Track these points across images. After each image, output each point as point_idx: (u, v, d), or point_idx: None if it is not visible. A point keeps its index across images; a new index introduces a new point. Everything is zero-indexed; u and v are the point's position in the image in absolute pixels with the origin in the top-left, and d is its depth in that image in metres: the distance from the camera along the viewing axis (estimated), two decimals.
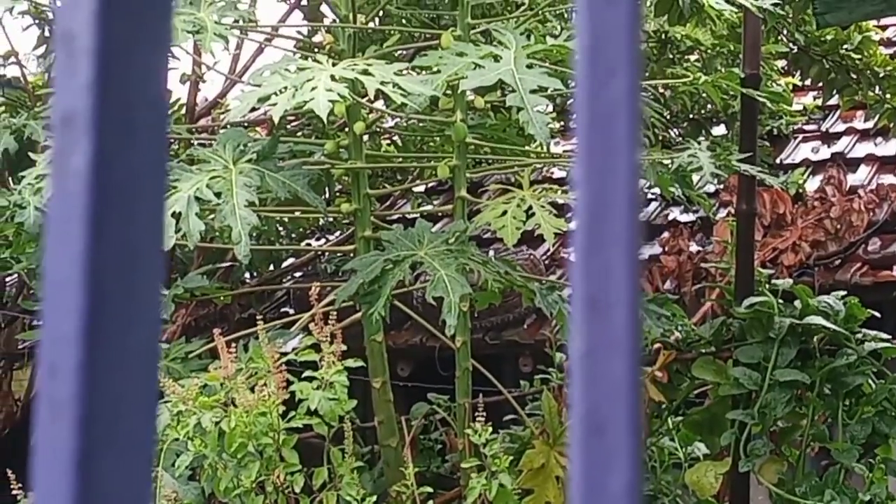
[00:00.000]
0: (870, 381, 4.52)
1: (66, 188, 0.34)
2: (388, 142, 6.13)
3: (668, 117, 6.10)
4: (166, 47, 0.35)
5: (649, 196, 6.98)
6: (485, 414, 4.01)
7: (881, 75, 6.34)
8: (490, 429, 3.95)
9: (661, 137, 5.98)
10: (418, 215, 5.19)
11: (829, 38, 6.16)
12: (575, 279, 0.33)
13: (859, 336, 4.54)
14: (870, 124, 7.12)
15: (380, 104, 4.87)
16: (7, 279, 6.20)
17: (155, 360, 0.36)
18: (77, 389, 0.33)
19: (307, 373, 3.89)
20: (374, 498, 3.84)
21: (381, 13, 4.88)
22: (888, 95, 6.37)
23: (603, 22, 0.34)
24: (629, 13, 0.34)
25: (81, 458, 0.33)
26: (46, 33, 6.46)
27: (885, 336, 4.59)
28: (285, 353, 4.10)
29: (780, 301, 4.59)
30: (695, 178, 4.96)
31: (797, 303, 4.61)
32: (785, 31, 6.08)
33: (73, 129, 0.34)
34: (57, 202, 0.34)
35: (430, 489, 3.98)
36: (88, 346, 0.33)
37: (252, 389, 3.79)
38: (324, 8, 5.23)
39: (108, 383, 0.34)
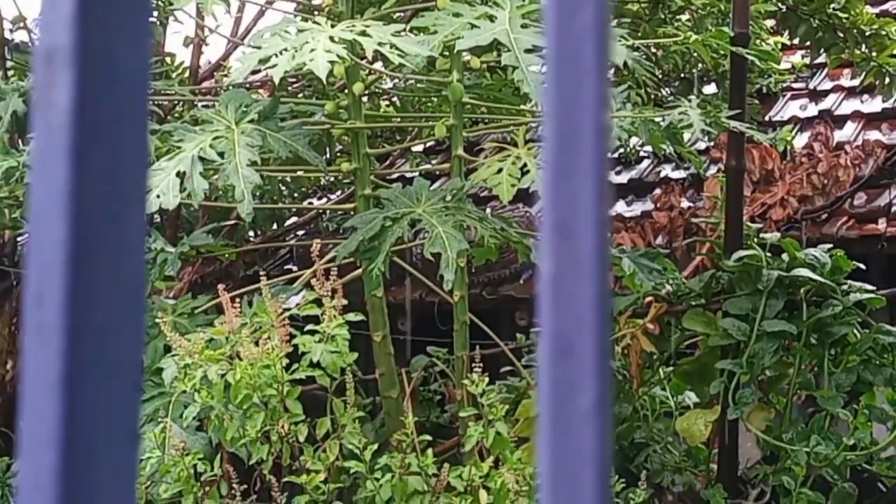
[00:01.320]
0: (855, 331, 4.53)
1: (49, 122, 0.34)
2: (387, 102, 6.12)
3: (660, 76, 6.09)
4: None
5: (641, 153, 6.99)
6: (482, 366, 4.03)
7: (867, 34, 6.31)
8: (487, 380, 3.96)
9: (652, 96, 5.97)
10: (417, 174, 5.19)
11: None
12: (545, 205, 0.33)
13: (845, 287, 4.55)
14: (856, 82, 7.08)
15: (378, 65, 4.87)
16: (19, 239, 6.20)
17: (140, 289, 0.36)
18: (62, 316, 0.33)
19: (309, 327, 3.91)
20: (376, 446, 3.86)
21: None
22: (874, 53, 6.35)
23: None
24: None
25: (67, 382, 0.33)
26: None
27: (869, 287, 4.60)
28: (288, 309, 4.12)
29: (768, 254, 4.60)
30: (686, 135, 4.96)
31: (785, 256, 4.62)
32: None
33: (56, 64, 0.34)
34: (40, 136, 0.34)
35: (429, 437, 4.00)
36: (73, 274, 0.33)
37: (256, 343, 3.80)
38: None
39: (93, 310, 0.34)
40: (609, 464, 0.32)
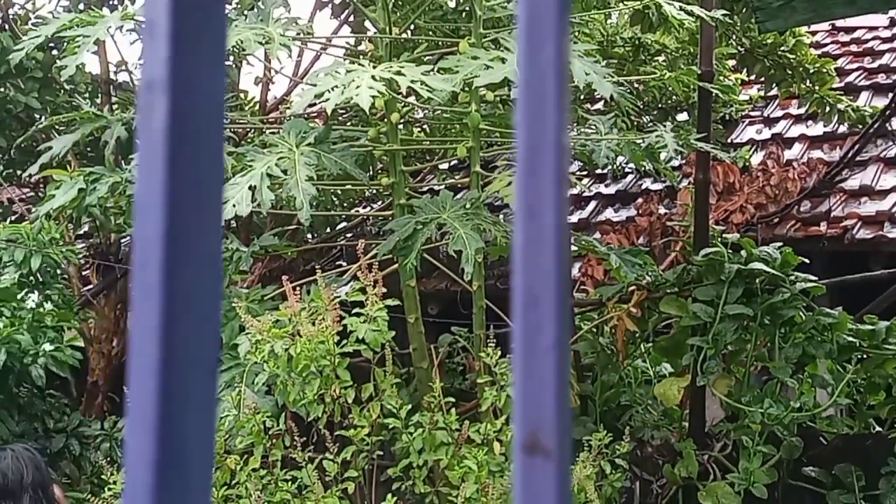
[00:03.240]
0: (801, 313, 4.53)
1: (150, 136, 0.37)
2: (419, 129, 6.13)
3: (641, 106, 6.09)
4: (224, 28, 0.38)
5: (626, 170, 6.98)
6: (496, 342, 4.04)
7: (811, 71, 6.30)
8: (500, 353, 3.97)
9: (635, 122, 5.96)
10: (443, 187, 5.21)
11: (769, 41, 6.12)
12: (517, 193, 0.36)
13: (792, 278, 4.55)
14: (802, 110, 7.08)
15: (412, 99, 4.88)
16: (122, 240, 6.26)
17: (218, 260, 0.38)
18: (160, 278, 0.36)
19: (356, 310, 3.93)
20: (410, 407, 3.88)
21: (412, 26, 4.88)
22: (816, 87, 6.35)
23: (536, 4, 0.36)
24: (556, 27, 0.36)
25: (163, 328, 0.36)
26: None
27: (812, 278, 4.59)
28: (338, 296, 4.14)
29: (730, 251, 4.60)
30: (662, 154, 4.96)
31: (743, 252, 4.62)
32: (734, 36, 6.04)
33: (154, 93, 0.37)
34: (143, 148, 0.37)
35: (453, 400, 4.01)
36: (167, 247, 0.36)
37: (313, 323, 3.82)
38: (367, 23, 5.24)
39: (182, 275, 0.37)
40: (566, 387, 0.34)
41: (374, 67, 3.81)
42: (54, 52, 6.09)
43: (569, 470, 0.32)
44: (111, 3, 6.53)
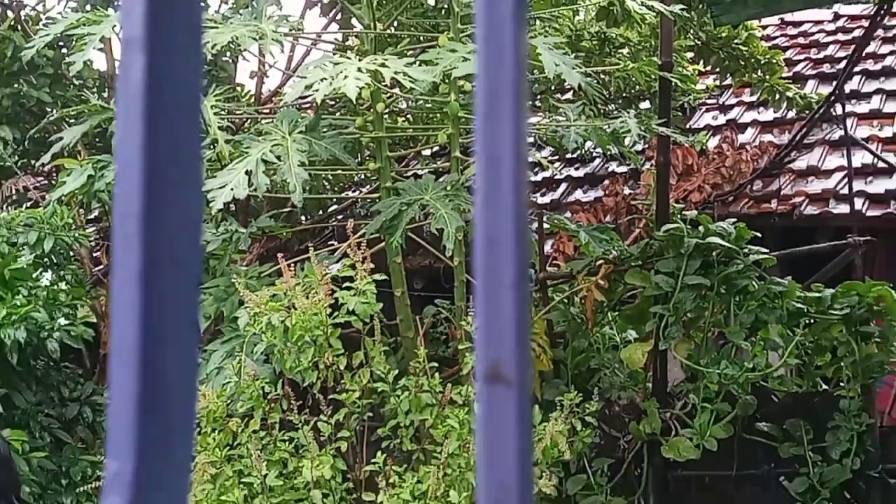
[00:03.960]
0: (753, 282, 4.53)
1: (128, 93, 0.36)
2: (403, 117, 6.10)
3: (607, 95, 6.08)
4: None
5: (594, 154, 6.98)
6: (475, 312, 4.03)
7: (762, 62, 6.31)
8: None
9: (601, 110, 5.95)
10: (426, 171, 5.19)
11: (723, 34, 6.12)
12: (477, 141, 0.35)
13: (746, 251, 4.55)
14: (754, 98, 7.10)
15: (396, 90, 4.85)
16: None
17: (198, 211, 0.37)
18: (140, 227, 0.34)
19: (346, 285, 3.92)
20: (397, 372, 3.88)
21: (395, 23, 4.84)
22: (767, 77, 6.36)
23: (494, 17, 0.34)
24: (513, 12, 0.35)
25: (144, 277, 0.34)
26: None
27: (764, 250, 4.60)
28: (330, 272, 4.13)
29: (689, 227, 4.60)
30: (627, 139, 4.96)
31: (701, 228, 4.62)
32: (691, 30, 6.04)
33: (132, 50, 0.35)
34: (122, 102, 0.36)
35: (436, 365, 4.01)
36: (146, 199, 0.35)
37: (307, 297, 3.81)
38: (353, 20, 5.20)
39: (161, 223, 0.35)
40: (526, 322, 0.33)
41: (360, 60, 3.78)
42: (63, 49, 6.03)
43: (529, 397, 0.31)
44: (116, 3, 6.46)
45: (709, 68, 6.76)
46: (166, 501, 0.35)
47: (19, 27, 6.25)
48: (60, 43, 5.86)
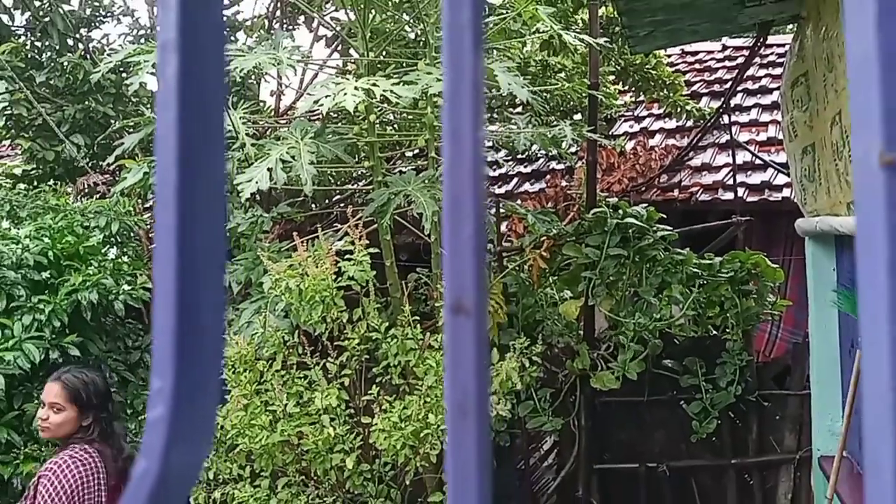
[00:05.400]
0: (660, 253, 4.57)
1: (165, 87, 0.34)
2: (390, 126, 6.06)
3: (548, 108, 6.06)
4: (221, 2, 0.35)
5: (539, 154, 6.97)
6: None
7: (667, 83, 6.31)
8: None
9: (544, 120, 5.94)
10: (408, 168, 5.16)
11: (637, 61, 6.12)
12: (444, 123, 0.34)
13: (655, 229, 4.58)
14: (661, 111, 7.10)
15: (384, 105, 4.81)
16: None
17: (221, 182, 0.36)
18: (175, 193, 0.33)
19: (347, 257, 3.91)
20: (387, 324, 3.87)
21: (384, 52, 4.79)
22: (671, 94, 6.36)
23: (456, 46, 0.33)
24: (472, 43, 0.34)
25: (179, 227, 0.33)
26: None
27: (668, 228, 4.63)
28: (334, 247, 4.10)
29: (611, 210, 4.62)
30: (564, 143, 4.95)
31: (620, 211, 4.64)
32: (613, 58, 6.03)
33: (167, 51, 0.34)
34: (160, 94, 0.34)
35: (418, 318, 4.01)
36: (180, 170, 0.34)
37: (316, 266, 3.80)
38: (351, 50, 5.15)
39: (193, 189, 0.34)
40: (483, 265, 0.32)
41: (357, 81, 3.75)
42: (123, 73, 5.93)
43: (485, 325, 0.31)
44: None
45: (626, 88, 6.76)
46: (197, 412, 0.34)
47: (88, 56, 6.13)
48: (121, 68, 5.76)
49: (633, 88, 6.50)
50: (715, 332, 4.88)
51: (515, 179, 7.01)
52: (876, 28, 0.28)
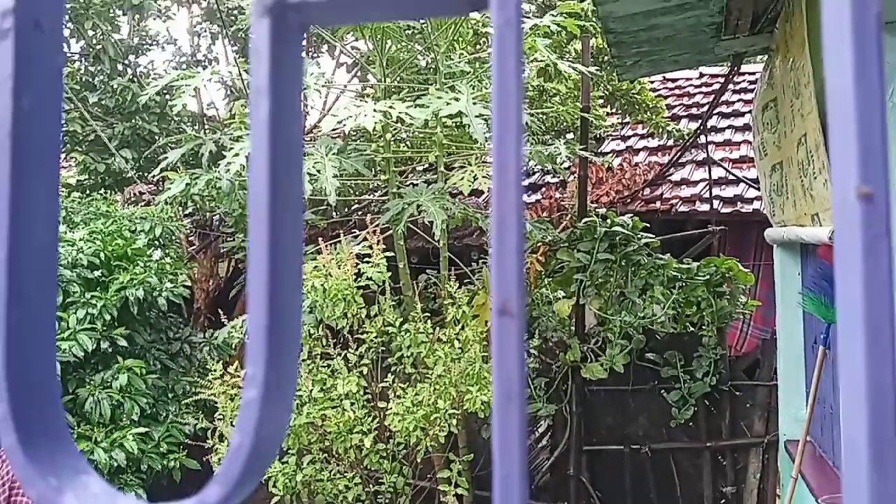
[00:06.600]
0: (644, 258, 4.57)
1: (257, 125, 0.36)
2: (404, 143, 6.08)
3: (545, 128, 6.07)
4: (300, 53, 0.37)
5: (535, 169, 6.98)
6: (455, 277, 4.05)
7: (650, 106, 6.32)
8: (457, 284, 3.99)
9: (541, 139, 5.95)
10: (420, 181, 5.17)
11: (624, 87, 6.13)
12: (494, 184, 0.35)
13: (639, 236, 4.59)
14: (645, 131, 7.11)
15: (399, 125, 4.83)
16: (214, 216, 6.18)
17: (300, 197, 0.38)
18: (266, 210, 0.35)
19: (365, 259, 3.92)
20: (401, 319, 3.88)
21: (399, 78, 4.81)
22: (653, 116, 6.37)
23: (504, 73, 0.35)
24: (516, 74, 0.36)
25: (270, 238, 0.35)
26: (230, 91, 6.34)
27: (651, 236, 4.63)
28: (354, 251, 4.12)
29: (600, 220, 4.63)
30: (558, 159, 4.96)
31: (608, 220, 4.65)
32: (602, 84, 6.04)
33: (259, 96, 0.36)
34: (254, 132, 0.36)
35: (428, 314, 4.02)
36: (270, 191, 0.36)
37: (338, 268, 3.82)
38: (369, 76, 5.17)
39: (279, 207, 0.36)
40: (522, 271, 0.34)
41: (375, 104, 3.77)
42: (167, 95, 5.97)
43: (524, 326, 0.33)
44: (204, 63, 6.39)
45: (614, 110, 6.77)
46: (282, 396, 0.36)
47: (136, 80, 6.18)
48: (165, 91, 5.80)
49: (620, 111, 6.51)
50: (692, 329, 4.89)
51: None
52: (853, 67, 0.30)
